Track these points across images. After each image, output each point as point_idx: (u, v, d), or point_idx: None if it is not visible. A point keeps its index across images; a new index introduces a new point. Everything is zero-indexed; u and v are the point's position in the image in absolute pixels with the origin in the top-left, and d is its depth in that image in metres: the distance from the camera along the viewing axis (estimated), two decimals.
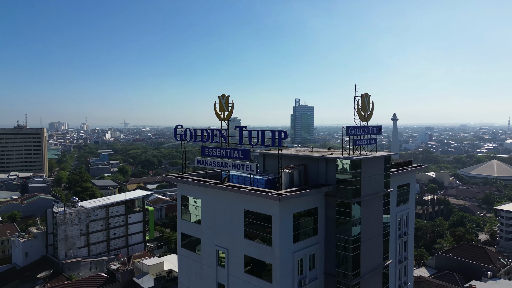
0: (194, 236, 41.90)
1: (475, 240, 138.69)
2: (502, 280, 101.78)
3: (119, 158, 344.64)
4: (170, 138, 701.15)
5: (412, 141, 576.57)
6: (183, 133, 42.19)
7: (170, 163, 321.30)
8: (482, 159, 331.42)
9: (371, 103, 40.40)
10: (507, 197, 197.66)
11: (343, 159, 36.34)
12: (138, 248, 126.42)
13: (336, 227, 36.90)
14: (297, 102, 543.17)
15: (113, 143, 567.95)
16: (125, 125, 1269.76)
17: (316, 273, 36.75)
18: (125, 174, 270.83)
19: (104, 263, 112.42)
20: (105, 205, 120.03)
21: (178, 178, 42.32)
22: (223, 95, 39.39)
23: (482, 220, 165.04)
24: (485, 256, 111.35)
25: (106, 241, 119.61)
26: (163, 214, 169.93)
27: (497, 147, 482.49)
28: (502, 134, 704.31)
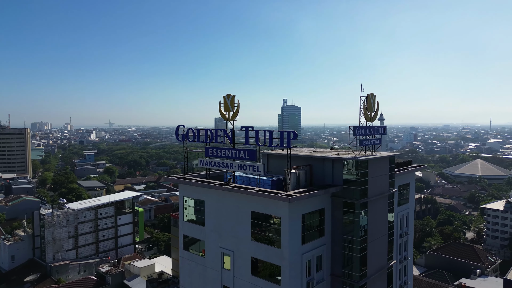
0: (197, 238, 41.13)
1: (462, 238, 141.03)
2: (490, 278, 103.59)
3: (105, 159, 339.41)
4: (156, 138, 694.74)
5: (397, 141, 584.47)
6: (186, 133, 41.29)
7: (158, 164, 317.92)
8: (466, 158, 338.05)
9: (376, 103, 40.45)
10: (491, 195, 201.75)
11: (351, 159, 36.12)
12: (128, 250, 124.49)
13: (343, 228, 36.66)
14: (284, 102, 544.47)
15: (99, 143, 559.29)
16: (110, 125, 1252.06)
17: (323, 275, 36.44)
18: (112, 175, 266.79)
19: (93, 265, 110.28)
20: (93, 207, 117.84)
21: (180, 179, 41.43)
22: (228, 95, 38.70)
23: (469, 218, 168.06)
24: (473, 254, 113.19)
25: (95, 243, 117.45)
26: (152, 215, 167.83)
27: (480, 146, 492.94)
28: (484, 134, 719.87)
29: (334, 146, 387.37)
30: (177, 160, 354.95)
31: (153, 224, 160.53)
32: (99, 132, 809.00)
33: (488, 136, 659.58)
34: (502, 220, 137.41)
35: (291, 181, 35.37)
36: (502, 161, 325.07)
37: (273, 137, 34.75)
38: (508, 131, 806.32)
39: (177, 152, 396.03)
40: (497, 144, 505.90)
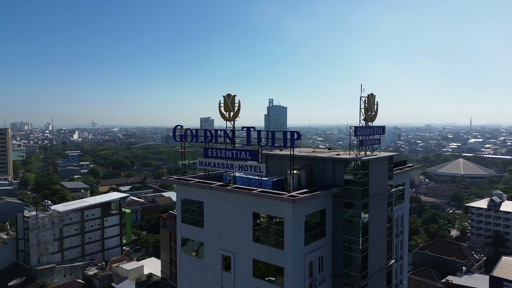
0: (196, 241, 40.39)
1: (447, 236, 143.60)
2: (476, 275, 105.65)
3: (89, 159, 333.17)
4: (141, 138, 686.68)
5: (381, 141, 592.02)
6: (183, 133, 40.50)
7: (143, 164, 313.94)
8: (448, 158, 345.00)
9: (375, 104, 40.56)
10: (474, 194, 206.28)
11: (354, 159, 36.04)
12: (115, 252, 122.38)
13: (344, 228, 36.57)
14: (270, 102, 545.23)
15: (82, 143, 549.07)
16: (93, 125, 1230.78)
17: (324, 275, 36.28)
18: (96, 176, 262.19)
19: (79, 268, 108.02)
20: (79, 208, 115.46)
21: (178, 181, 40.61)
22: (229, 95, 38.10)
23: (453, 216, 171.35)
24: (459, 252, 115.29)
25: (81, 246, 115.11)
26: (138, 216, 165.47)
27: (461, 146, 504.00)
28: (465, 134, 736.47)
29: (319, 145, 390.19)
30: (163, 161, 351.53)
31: (140, 226, 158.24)
32: (82, 133, 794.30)
33: (469, 136, 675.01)
34: (485, 218, 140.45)
35: (291, 182, 35.09)
36: (483, 160, 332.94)
37: (276, 137, 34.36)
38: (487, 131, 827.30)
39: (162, 153, 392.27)
40: (477, 144, 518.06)
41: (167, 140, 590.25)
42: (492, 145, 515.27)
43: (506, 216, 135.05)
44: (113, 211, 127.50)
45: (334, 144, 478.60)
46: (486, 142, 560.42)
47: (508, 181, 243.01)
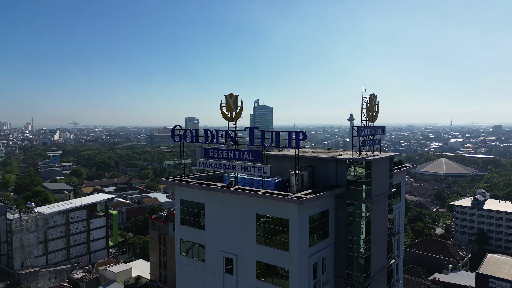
0: (196, 243, 39.61)
1: (433, 234, 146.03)
2: (461, 272, 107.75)
3: (72, 160, 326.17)
4: (124, 138, 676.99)
5: None
6: (183, 134, 39.61)
7: (127, 165, 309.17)
8: (431, 157, 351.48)
9: (377, 104, 40.58)
10: (457, 192, 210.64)
11: (358, 160, 35.93)
12: (101, 255, 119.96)
13: (347, 229, 36.43)
14: (256, 102, 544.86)
15: (63, 144, 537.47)
16: (74, 125, 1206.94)
17: (327, 276, 36.09)
18: (80, 177, 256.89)
19: (64, 272, 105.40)
20: (64, 210, 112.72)
21: (178, 182, 39.69)
22: (231, 95, 37.42)
23: (437, 215, 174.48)
24: (445, 250, 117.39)
25: (66, 249, 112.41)
26: (124, 218, 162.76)
27: (443, 145, 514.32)
28: (446, 133, 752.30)
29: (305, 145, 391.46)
30: (148, 161, 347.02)
31: (126, 227, 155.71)
32: (63, 133, 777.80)
33: (450, 136, 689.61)
34: (469, 216, 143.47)
35: (294, 183, 34.73)
36: (464, 159, 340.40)
37: (281, 137, 33.87)
38: (467, 131, 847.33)
39: (147, 153, 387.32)
40: (458, 143, 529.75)
41: (151, 140, 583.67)
42: (472, 145, 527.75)
43: (490, 214, 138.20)
44: (99, 213, 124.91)
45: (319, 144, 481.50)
46: (466, 141, 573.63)
47: (489, 180, 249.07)
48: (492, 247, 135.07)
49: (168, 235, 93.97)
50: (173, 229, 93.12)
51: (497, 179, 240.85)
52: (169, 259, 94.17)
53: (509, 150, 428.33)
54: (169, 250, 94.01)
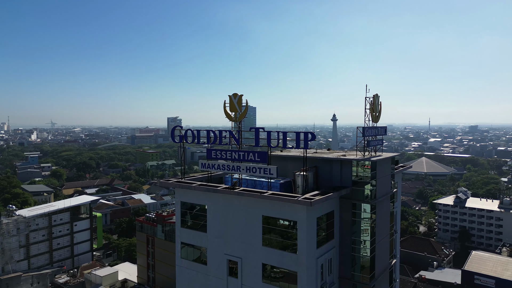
0: (197, 246, 38.69)
1: (417, 232, 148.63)
2: (446, 269, 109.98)
3: (50, 161, 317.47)
4: (105, 139, 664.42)
5: (347, 140, 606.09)
6: (183, 134, 38.56)
7: (109, 166, 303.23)
8: (412, 157, 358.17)
9: (379, 104, 40.60)
10: (437, 191, 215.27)
11: (363, 160, 35.77)
12: (85, 258, 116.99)
13: (352, 230, 36.27)
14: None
15: (41, 144, 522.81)
16: (52, 125, 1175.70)
17: (333, 278, 35.86)
18: (60, 178, 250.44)
19: (47, 276, 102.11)
20: (47, 213, 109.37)
21: (180, 184, 38.65)
22: (235, 94, 36.68)
23: (420, 213, 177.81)
24: (430, 247, 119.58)
25: (49, 252, 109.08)
26: (108, 220, 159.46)
27: (422, 145, 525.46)
28: (424, 133, 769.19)
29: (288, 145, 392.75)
30: (130, 162, 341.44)
31: (110, 230, 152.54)
32: (41, 133, 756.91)
33: (428, 135, 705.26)
34: (452, 214, 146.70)
35: (300, 184, 34.33)
36: (443, 158, 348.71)
37: (288, 138, 33.38)
38: (444, 131, 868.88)
39: (129, 154, 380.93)
40: (437, 143, 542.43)
41: (133, 141, 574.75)
42: (450, 144, 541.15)
43: (471, 212, 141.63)
44: (82, 215, 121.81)
45: None
46: (444, 141, 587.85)
47: (468, 178, 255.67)
48: (474, 244, 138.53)
49: (157, 237, 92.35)
50: (161, 231, 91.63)
51: (475, 178, 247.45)
52: (157, 262, 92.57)
53: (485, 150, 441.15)
54: (158, 253, 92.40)
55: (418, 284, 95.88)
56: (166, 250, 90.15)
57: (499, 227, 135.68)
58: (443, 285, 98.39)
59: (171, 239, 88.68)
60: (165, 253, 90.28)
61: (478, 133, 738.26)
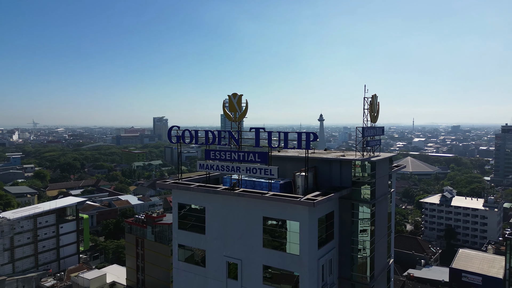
0: (196, 248, 38.05)
1: (404, 231, 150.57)
2: (434, 267, 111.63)
3: (33, 162, 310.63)
4: (89, 139, 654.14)
5: (333, 140, 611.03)
6: (181, 135, 37.86)
7: (94, 166, 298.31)
8: (397, 156, 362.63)
9: (377, 104, 40.71)
10: (423, 190, 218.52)
11: (362, 160, 35.76)
12: (72, 261, 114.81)
13: (352, 230, 36.23)
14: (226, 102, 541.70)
15: (23, 145, 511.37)
16: (34, 125, 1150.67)
17: (333, 279, 35.77)
18: (43, 179, 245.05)
19: (33, 280, 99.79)
20: (32, 215, 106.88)
21: (176, 185, 37.95)
22: (235, 94, 36.19)
23: (406, 212, 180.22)
24: (417, 246, 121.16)
25: (34, 255, 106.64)
26: (94, 221, 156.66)
27: (407, 145, 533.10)
28: (409, 133, 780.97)
29: None
30: (115, 162, 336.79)
31: (97, 231, 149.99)
32: (23, 133, 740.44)
33: (412, 135, 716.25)
34: (438, 213, 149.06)
35: (300, 184, 34.11)
36: (428, 158, 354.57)
37: (289, 138, 33.09)
38: (428, 131, 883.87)
39: (114, 154, 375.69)
40: (421, 143, 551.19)
41: (118, 141, 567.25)
42: (433, 144, 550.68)
43: (457, 210, 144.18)
44: (68, 217, 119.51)
45: None
46: (428, 141, 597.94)
47: (452, 178, 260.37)
48: (460, 242, 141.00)
49: (146, 238, 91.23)
50: (151, 233, 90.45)
51: (459, 177, 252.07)
52: (147, 263, 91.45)
53: (468, 149, 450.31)
54: (147, 254, 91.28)
55: (407, 282, 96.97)
56: (156, 251, 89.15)
57: (483, 225, 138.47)
58: (431, 282, 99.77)
59: (162, 241, 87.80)
60: (155, 254, 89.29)
61: (460, 133, 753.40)
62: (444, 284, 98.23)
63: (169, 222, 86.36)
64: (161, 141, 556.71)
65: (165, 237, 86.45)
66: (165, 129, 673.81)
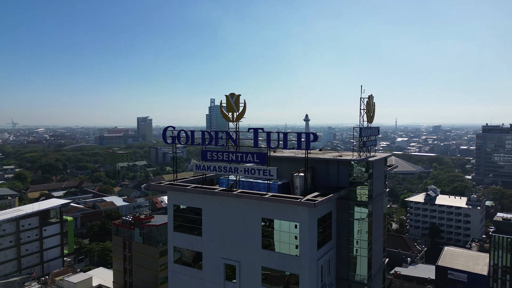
0: (192, 250, 37.40)
1: (390, 229, 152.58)
2: (420, 265, 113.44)
3: (13, 163, 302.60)
4: (71, 139, 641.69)
5: (318, 140, 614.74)
6: (176, 135, 37.14)
7: (77, 167, 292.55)
8: None
9: (373, 104, 40.85)
10: (407, 189, 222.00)
11: (360, 161, 35.78)
12: (56, 265, 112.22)
13: (350, 230, 36.24)
14: (212, 102, 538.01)
15: (2, 145, 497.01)
16: (13, 125, 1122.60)
17: (331, 279, 35.73)
18: (24, 181, 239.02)
19: (15, 284, 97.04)
20: (14, 218, 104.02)
21: (173, 186, 37.19)
22: (232, 94, 35.61)
23: (391, 210, 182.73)
24: (403, 244, 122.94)
25: (17, 259, 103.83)
26: (78, 223, 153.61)
27: (390, 144, 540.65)
28: (392, 133, 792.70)
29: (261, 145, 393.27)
30: (99, 163, 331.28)
31: (81, 234, 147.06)
32: (2, 133, 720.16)
33: (395, 135, 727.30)
34: (422, 211, 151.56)
35: (299, 185, 33.92)
36: (411, 157, 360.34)
37: (288, 139, 32.81)
38: (410, 131, 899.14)
39: (97, 154, 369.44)
40: (404, 142, 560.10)
41: (101, 141, 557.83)
42: (416, 144, 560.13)
43: (441, 209, 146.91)
44: (52, 220, 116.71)
45: None
46: (410, 140, 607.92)
47: (435, 177, 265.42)
48: (444, 240, 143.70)
49: (134, 240, 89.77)
50: (139, 235, 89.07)
51: (442, 176, 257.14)
52: (135, 266, 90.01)
53: (449, 149, 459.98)
54: (135, 257, 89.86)
55: (394, 280, 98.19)
56: (144, 254, 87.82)
57: (467, 223, 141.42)
58: (417, 280, 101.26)
59: (150, 242, 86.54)
60: (144, 257, 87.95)
61: (442, 133, 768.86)
62: (430, 281, 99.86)
63: (158, 224, 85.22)
64: (145, 141, 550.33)
65: (154, 239, 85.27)
66: (149, 129, 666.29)
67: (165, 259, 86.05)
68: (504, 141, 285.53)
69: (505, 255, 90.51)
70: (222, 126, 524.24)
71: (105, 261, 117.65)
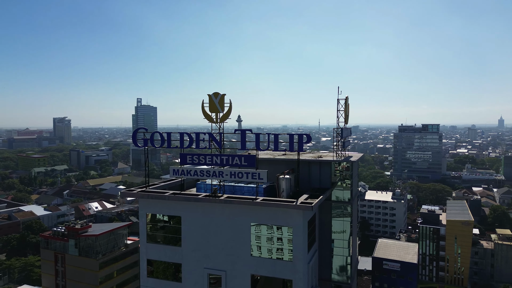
0: (169, 262, 34.21)
1: None
2: None
3: None
4: None
5: None
6: (149, 138, 33.66)
7: None
8: None
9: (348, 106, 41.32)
10: None
11: (340, 161, 35.81)
12: None
13: (332, 231, 36.13)
14: (139, 102, 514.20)
15: None
16: None
17: (315, 281, 35.27)
18: None
19: None
20: None
21: (147, 193, 33.56)
22: (216, 94, 33.06)
23: None
24: None
25: None
26: None
27: (316, 144, 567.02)
28: (316, 133, 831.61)
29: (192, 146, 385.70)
30: (10, 169, 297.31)
31: None
32: None
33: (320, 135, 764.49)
34: None
35: (285, 187, 32.96)
36: None
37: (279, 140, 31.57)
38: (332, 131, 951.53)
39: (7, 159, 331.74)
40: (329, 142, 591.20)
41: (11, 144, 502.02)
42: None
43: (370, 203, 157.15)
44: None
45: None
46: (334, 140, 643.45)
47: (359, 173, 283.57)
48: (373, 232, 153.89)
49: (68, 253, 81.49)
50: (74, 247, 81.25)
51: (365, 173, 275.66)
52: (69, 281, 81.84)
53: (368, 147, 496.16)
54: (70, 271, 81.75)
55: None
56: (81, 267, 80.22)
57: (392, 216, 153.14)
58: None
59: (88, 255, 79.29)
60: (80, 270, 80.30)
61: (360, 133, 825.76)
62: (367, 272, 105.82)
63: (97, 233, 78.42)
64: (63, 144, 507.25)
65: (93, 250, 78.25)
66: (68, 131, 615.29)
67: (105, 271, 79.83)
68: (414, 139, 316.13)
69: (432, 244, 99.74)
70: (149, 126, 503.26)
71: (28, 277, 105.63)
